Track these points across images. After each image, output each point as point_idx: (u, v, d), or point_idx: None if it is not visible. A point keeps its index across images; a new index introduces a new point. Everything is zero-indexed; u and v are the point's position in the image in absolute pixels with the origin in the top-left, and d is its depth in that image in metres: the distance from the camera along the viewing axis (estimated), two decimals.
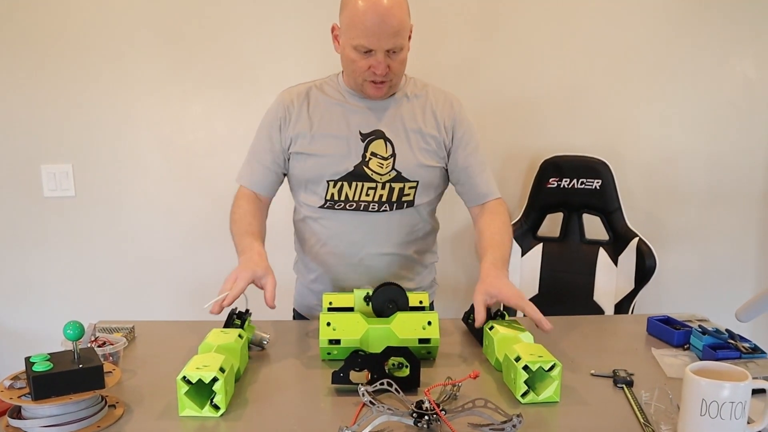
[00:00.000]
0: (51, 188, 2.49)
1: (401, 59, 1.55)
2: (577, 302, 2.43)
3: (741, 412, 0.95)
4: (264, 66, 2.45)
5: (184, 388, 1.10)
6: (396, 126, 1.64)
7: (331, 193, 1.64)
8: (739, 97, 2.55)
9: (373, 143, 1.63)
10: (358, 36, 1.49)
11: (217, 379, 1.10)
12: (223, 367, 1.13)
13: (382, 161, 1.63)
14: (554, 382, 1.16)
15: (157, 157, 2.50)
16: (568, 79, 2.52)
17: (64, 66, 2.41)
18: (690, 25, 2.49)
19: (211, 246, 2.54)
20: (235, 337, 1.29)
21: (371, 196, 1.64)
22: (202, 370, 1.10)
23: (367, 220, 1.65)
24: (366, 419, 1.03)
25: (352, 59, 1.54)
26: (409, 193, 1.65)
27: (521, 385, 1.15)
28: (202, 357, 1.18)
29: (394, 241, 1.69)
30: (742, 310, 1.28)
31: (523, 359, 1.16)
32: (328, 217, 1.67)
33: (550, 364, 1.15)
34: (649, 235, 2.41)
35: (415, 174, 1.64)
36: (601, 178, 2.42)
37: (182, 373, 1.10)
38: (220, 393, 1.10)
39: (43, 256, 2.55)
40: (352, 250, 1.68)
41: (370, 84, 1.57)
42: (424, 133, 1.65)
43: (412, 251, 1.73)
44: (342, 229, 1.67)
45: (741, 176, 2.61)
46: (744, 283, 2.70)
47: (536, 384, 1.18)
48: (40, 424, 1.03)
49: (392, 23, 1.47)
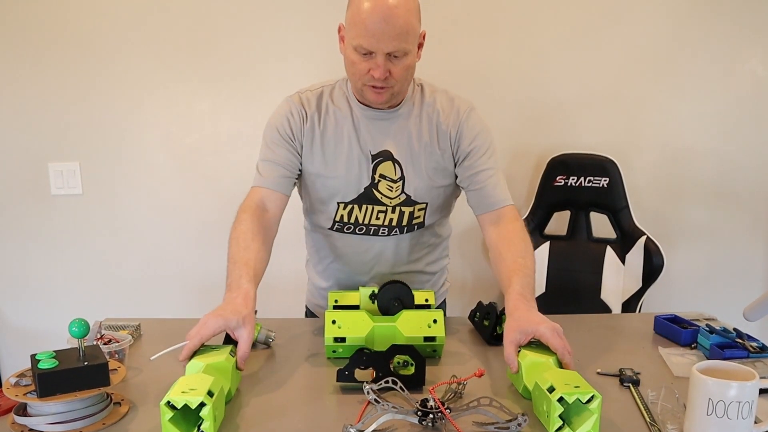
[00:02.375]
0: (58, 186, 2.50)
1: (405, 65, 1.42)
2: (585, 301, 2.42)
3: (748, 412, 0.95)
4: (270, 63, 2.45)
5: (168, 414, 0.99)
6: (403, 144, 1.54)
7: (340, 215, 1.58)
8: (748, 96, 2.53)
9: (381, 165, 1.54)
10: (358, 36, 1.37)
11: (204, 404, 0.99)
12: (212, 390, 1.02)
13: (392, 184, 1.55)
14: (593, 416, 1.01)
15: (163, 155, 2.51)
16: (576, 78, 2.51)
17: (71, 64, 2.41)
18: (699, 24, 2.47)
19: (218, 243, 2.51)
20: (226, 356, 1.18)
21: (381, 219, 1.58)
22: (188, 394, 0.99)
23: (376, 243, 1.61)
24: (370, 417, 1.03)
25: (353, 61, 1.42)
26: (419, 216, 1.59)
27: (556, 420, 1.00)
28: (189, 378, 1.07)
29: (405, 259, 1.65)
30: (749, 309, 1.27)
31: (557, 390, 1.01)
32: (338, 237, 1.63)
33: (589, 396, 1.01)
34: (656, 233, 2.40)
35: (425, 196, 1.57)
36: (609, 176, 2.41)
37: (166, 398, 0.99)
38: (208, 420, 0.99)
39: (50, 253, 2.56)
40: (362, 268, 1.66)
41: (370, 89, 1.45)
42: (431, 150, 1.55)
43: (424, 264, 1.71)
44: (351, 250, 1.64)
45: (749, 174, 2.59)
46: (752, 282, 2.68)
47: (572, 417, 1.04)
48: (45, 422, 1.03)
49: (395, 24, 1.35)
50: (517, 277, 1.36)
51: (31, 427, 1.04)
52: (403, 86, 1.48)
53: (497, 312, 1.46)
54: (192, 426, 1.01)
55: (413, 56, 1.44)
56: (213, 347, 1.23)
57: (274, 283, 2.53)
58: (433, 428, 1.05)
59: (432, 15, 2.40)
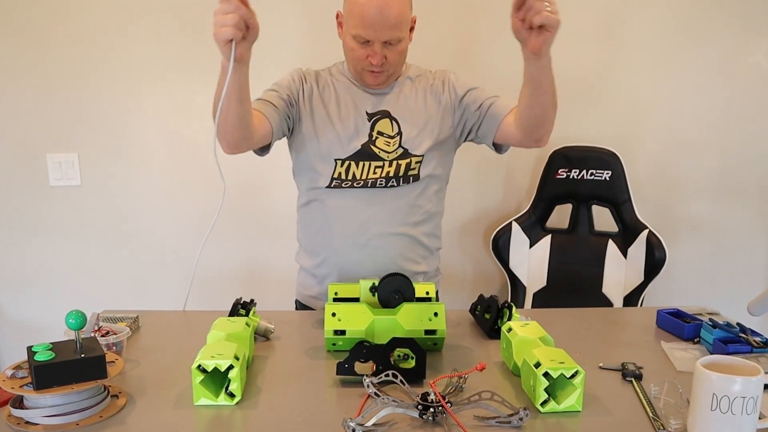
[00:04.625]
0: (57, 177, 2.49)
1: (399, 50, 1.58)
2: (586, 294, 2.41)
3: (753, 407, 0.93)
4: (267, 57, 2.43)
5: (200, 377, 1.10)
6: (400, 105, 1.68)
7: (338, 172, 1.65)
8: (752, 88, 2.52)
9: (379, 122, 1.67)
10: (356, 26, 1.52)
11: (232, 367, 1.09)
12: (237, 355, 1.13)
13: (389, 140, 1.66)
14: (576, 390, 1.08)
15: (162, 147, 2.49)
16: (578, 70, 2.49)
17: (69, 55, 2.40)
18: (702, 16, 2.45)
19: (216, 236, 2.53)
20: (242, 326, 1.28)
21: (378, 173, 1.66)
22: (216, 359, 1.09)
23: (374, 197, 1.67)
24: (371, 411, 1.02)
25: (351, 48, 1.58)
26: (415, 168, 1.67)
27: (541, 393, 1.08)
28: (215, 345, 1.17)
29: (401, 220, 1.69)
30: (754, 303, 1.26)
31: (543, 365, 1.08)
32: (335, 196, 1.68)
33: (573, 371, 1.07)
34: (659, 227, 2.39)
35: (421, 148, 1.67)
36: (611, 170, 2.40)
37: (197, 362, 1.09)
38: (236, 381, 1.10)
39: (48, 245, 2.55)
40: (359, 229, 1.68)
41: (368, 73, 1.61)
42: (427, 106, 1.69)
43: (419, 232, 1.73)
44: (349, 207, 1.68)
45: (753, 168, 2.58)
46: (755, 276, 2.67)
47: (557, 392, 1.11)
48: (42, 414, 1.02)
49: (391, 15, 1.50)
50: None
51: (28, 420, 1.03)
52: (397, 68, 1.65)
53: (498, 305, 1.45)
54: (218, 388, 1.13)
55: (406, 41, 1.60)
56: (228, 319, 1.33)
57: (268, 277, 2.54)
58: (433, 422, 1.04)
59: (433, 2, 2.39)
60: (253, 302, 1.48)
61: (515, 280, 2.47)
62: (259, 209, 2.52)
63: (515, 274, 2.47)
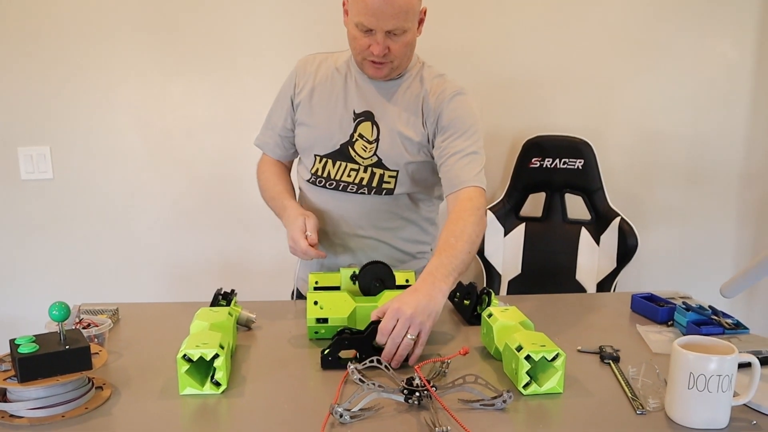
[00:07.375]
0: (28, 171, 2.45)
1: (404, 42, 1.50)
2: (560, 281, 2.45)
3: (728, 385, 0.97)
4: (243, 48, 2.42)
5: (185, 367, 1.10)
6: (388, 111, 1.60)
7: (316, 168, 1.65)
8: (720, 78, 2.57)
9: (361, 124, 1.61)
10: (359, 13, 1.44)
11: (218, 356, 1.10)
12: (222, 344, 1.13)
13: (367, 145, 1.60)
14: (557, 372, 1.11)
15: (136, 139, 2.47)
16: (551, 60, 2.51)
17: (41, 46, 2.36)
18: (671, 6, 2.49)
19: (192, 227, 2.52)
20: (225, 315, 1.29)
21: (352, 177, 1.62)
22: (202, 348, 1.10)
23: (344, 200, 1.64)
24: (357, 397, 1.03)
25: (354, 36, 1.51)
26: (390, 182, 1.61)
27: (523, 376, 1.10)
28: (199, 335, 1.17)
29: (371, 225, 1.66)
30: (726, 286, 1.29)
31: (525, 349, 1.10)
32: (312, 192, 1.68)
33: (554, 354, 1.10)
34: (630, 214, 2.43)
35: (395, 164, 1.60)
36: (584, 158, 2.43)
37: (182, 351, 1.09)
38: (222, 370, 1.11)
39: (21, 239, 2.51)
40: (333, 229, 1.67)
41: (370, 63, 1.53)
42: (412, 124, 1.59)
43: (393, 237, 1.69)
44: (323, 204, 1.67)
45: (721, 156, 2.63)
46: (722, 260, 2.73)
47: (538, 374, 1.14)
48: (26, 407, 1.02)
49: (395, 4, 1.41)
50: (439, 257, 1.35)
51: (12, 413, 1.02)
52: (402, 61, 1.56)
53: (477, 292, 1.47)
54: (203, 377, 1.13)
55: (413, 33, 1.52)
56: (211, 309, 1.33)
57: (248, 268, 2.54)
58: (419, 406, 1.05)
59: None
60: (233, 292, 1.48)
61: (490, 268, 2.49)
62: (236, 201, 2.51)
63: (490, 262, 2.49)
